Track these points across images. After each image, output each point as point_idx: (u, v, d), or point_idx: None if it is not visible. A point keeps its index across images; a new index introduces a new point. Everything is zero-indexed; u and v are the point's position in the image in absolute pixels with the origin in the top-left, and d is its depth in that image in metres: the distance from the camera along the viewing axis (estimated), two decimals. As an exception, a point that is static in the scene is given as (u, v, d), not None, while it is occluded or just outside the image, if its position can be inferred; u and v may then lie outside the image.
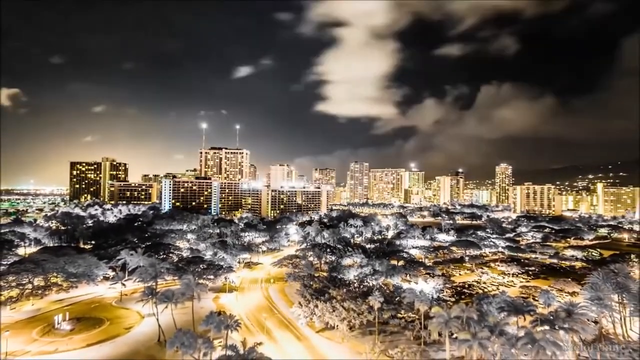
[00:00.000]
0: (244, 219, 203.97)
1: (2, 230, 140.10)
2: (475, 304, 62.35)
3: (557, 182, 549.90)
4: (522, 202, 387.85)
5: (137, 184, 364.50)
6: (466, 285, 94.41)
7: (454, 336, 50.40)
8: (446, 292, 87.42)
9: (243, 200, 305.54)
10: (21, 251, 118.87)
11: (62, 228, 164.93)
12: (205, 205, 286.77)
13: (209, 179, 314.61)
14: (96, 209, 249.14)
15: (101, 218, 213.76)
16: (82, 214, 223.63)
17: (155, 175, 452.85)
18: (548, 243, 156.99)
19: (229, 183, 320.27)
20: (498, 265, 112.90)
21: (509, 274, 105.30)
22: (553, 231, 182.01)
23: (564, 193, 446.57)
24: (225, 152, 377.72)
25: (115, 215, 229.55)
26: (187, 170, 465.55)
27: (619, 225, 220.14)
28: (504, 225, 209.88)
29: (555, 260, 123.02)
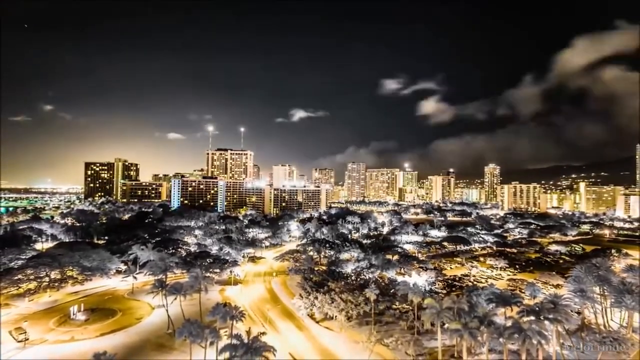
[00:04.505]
0: (248, 216, 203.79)
1: (21, 227, 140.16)
2: (466, 295, 62.27)
3: (542, 182, 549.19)
4: (510, 200, 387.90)
5: (147, 183, 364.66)
6: (457, 278, 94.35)
7: (446, 326, 50.35)
8: (438, 284, 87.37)
9: (247, 198, 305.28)
10: (39, 246, 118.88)
11: (77, 224, 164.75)
12: (211, 203, 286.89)
13: (215, 178, 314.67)
14: (109, 207, 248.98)
15: (114, 215, 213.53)
16: (96, 211, 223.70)
17: (165, 175, 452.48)
18: (534, 238, 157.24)
19: (234, 182, 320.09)
20: (487, 260, 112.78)
21: (497, 267, 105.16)
22: (538, 227, 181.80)
23: (548, 192, 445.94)
24: (231, 153, 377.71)
25: (127, 213, 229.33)
26: (194, 170, 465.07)
27: (601, 222, 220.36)
28: (492, 221, 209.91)
29: (540, 255, 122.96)
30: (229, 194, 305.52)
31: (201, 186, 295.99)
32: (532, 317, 47.42)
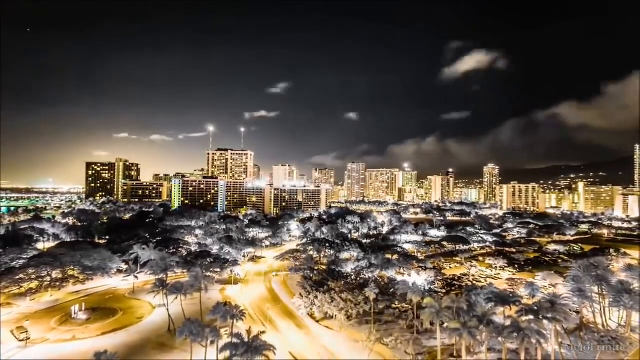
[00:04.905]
0: (248, 216, 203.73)
1: (23, 226, 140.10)
2: (465, 295, 62.26)
3: (541, 181, 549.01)
4: (508, 199, 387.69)
5: (148, 183, 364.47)
6: (456, 278, 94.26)
7: (445, 325, 50.36)
8: (437, 284, 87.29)
9: (247, 198, 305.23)
10: (40, 246, 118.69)
11: (79, 224, 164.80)
12: (212, 203, 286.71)
13: (216, 178, 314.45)
14: (110, 207, 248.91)
15: (115, 215, 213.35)
16: (97, 211, 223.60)
17: (166, 175, 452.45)
18: (533, 238, 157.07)
19: (234, 182, 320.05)
20: (486, 259, 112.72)
21: (496, 267, 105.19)
22: (537, 227, 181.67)
23: (547, 191, 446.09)
24: (231, 153, 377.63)
25: (128, 212, 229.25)
26: (195, 170, 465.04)
27: (599, 221, 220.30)
28: (491, 221, 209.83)
29: (539, 254, 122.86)
30: (229, 193, 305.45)
31: (202, 186, 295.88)
32: (531, 317, 47.42)
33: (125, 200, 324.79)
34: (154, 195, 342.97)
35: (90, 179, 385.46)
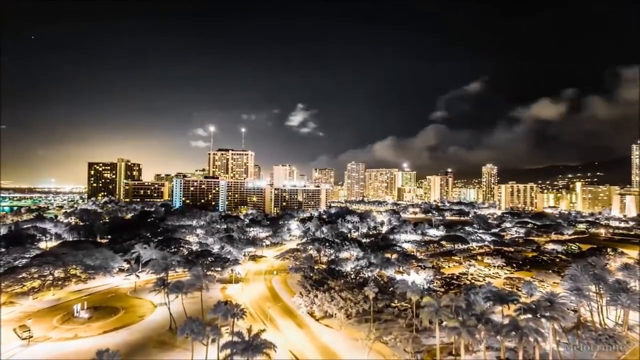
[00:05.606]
0: (249, 215, 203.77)
1: (25, 226, 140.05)
2: (463, 294, 62.15)
3: (539, 181, 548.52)
4: (507, 199, 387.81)
5: (150, 183, 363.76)
6: (455, 277, 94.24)
7: (444, 324, 50.36)
8: (436, 283, 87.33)
9: (248, 197, 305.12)
10: (43, 245, 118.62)
11: (81, 224, 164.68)
12: (213, 203, 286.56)
13: (217, 178, 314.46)
14: (112, 206, 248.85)
15: (117, 214, 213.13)
16: (99, 210, 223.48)
17: (167, 175, 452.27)
18: (531, 237, 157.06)
19: (235, 182, 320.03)
20: (484, 258, 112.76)
21: (494, 266, 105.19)
22: (535, 226, 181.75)
23: (545, 191, 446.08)
24: (232, 153, 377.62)
25: (129, 212, 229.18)
26: (196, 170, 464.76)
27: (596, 221, 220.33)
28: (489, 221, 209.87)
29: (537, 254, 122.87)
30: (230, 193, 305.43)
31: (203, 186, 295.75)
32: (529, 315, 47.40)
33: (127, 200, 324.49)
34: (155, 195, 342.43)
35: (92, 178, 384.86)
